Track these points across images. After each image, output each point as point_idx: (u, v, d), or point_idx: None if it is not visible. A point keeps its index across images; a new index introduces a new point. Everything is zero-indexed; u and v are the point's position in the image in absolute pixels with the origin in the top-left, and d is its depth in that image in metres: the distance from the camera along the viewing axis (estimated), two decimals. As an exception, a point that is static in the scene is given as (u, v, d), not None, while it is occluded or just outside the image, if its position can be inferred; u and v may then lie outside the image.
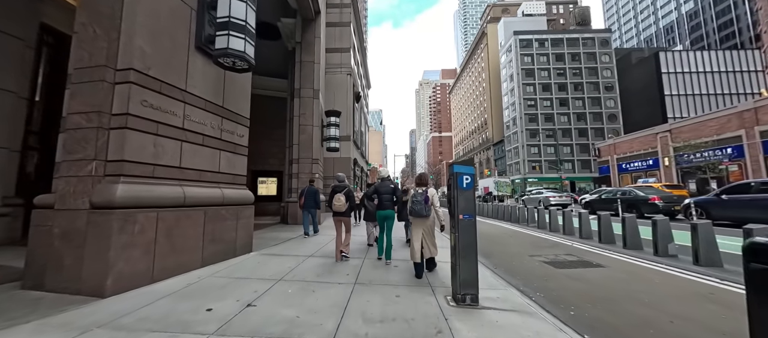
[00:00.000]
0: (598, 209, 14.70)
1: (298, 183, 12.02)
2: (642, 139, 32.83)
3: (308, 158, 12.17)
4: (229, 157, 5.56)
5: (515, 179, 59.09)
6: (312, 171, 12.18)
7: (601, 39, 60.18)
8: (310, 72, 12.57)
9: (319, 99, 12.62)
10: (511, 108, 62.34)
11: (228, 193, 5.37)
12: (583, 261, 6.08)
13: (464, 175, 3.65)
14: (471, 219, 3.62)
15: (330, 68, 22.09)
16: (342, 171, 21.84)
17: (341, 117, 21.94)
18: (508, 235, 9.98)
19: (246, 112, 6.20)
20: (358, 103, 27.12)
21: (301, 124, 12.26)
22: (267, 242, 7.33)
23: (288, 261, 5.34)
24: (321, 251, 6.37)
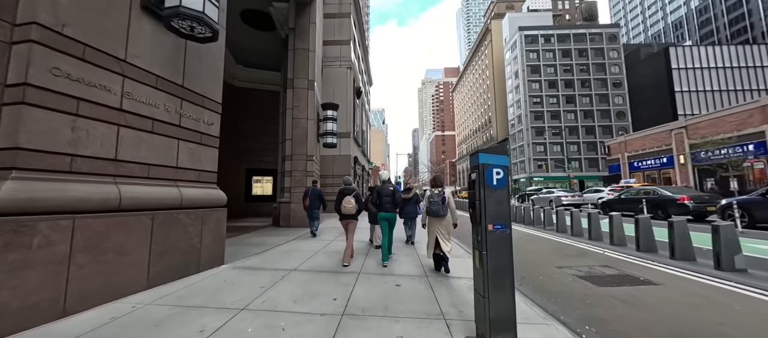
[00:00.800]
0: (618, 210, 13.60)
1: (292, 181, 10.99)
2: (655, 136, 31.49)
3: (302, 154, 11.13)
4: (191, 149, 4.52)
5: (520, 178, 57.79)
6: (306, 169, 11.14)
7: (609, 34, 58.65)
8: (304, 60, 11.52)
9: (314, 90, 11.58)
10: (515, 105, 60.99)
11: (189, 193, 4.33)
12: (628, 276, 4.98)
13: (495, 168, 2.58)
14: (505, 231, 2.54)
15: (329, 61, 21.06)
16: (342, 169, 20.83)
17: (341, 112, 20.91)
18: (523, 240, 8.88)
19: (217, 94, 5.15)
20: (359, 99, 26.07)
21: (294, 117, 11.22)
22: (247, 250, 6.29)
23: (264, 278, 4.29)
24: (308, 263, 5.32)
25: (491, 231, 2.52)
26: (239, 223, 12.21)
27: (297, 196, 10.87)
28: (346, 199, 5.37)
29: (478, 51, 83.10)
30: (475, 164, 2.63)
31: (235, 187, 16.98)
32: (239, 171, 17.14)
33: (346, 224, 5.54)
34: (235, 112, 17.30)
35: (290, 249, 6.62)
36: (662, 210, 11.88)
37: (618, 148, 36.28)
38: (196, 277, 4.23)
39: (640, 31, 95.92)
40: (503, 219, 2.52)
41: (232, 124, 17.25)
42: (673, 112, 53.01)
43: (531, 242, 8.45)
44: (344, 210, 5.34)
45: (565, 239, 8.65)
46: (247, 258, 5.51)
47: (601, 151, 54.94)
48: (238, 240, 7.50)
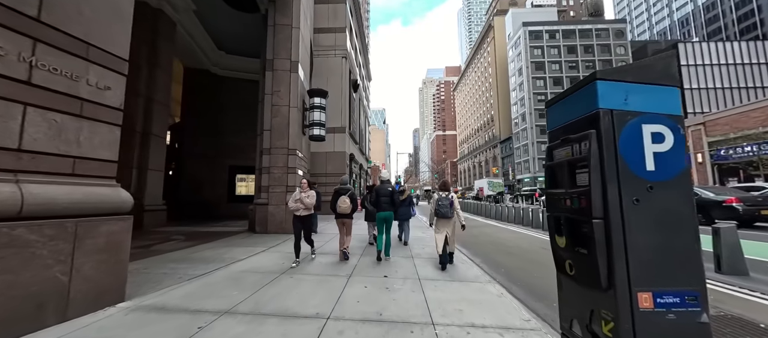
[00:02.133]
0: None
1: (270, 179, 9.31)
2: (670, 134, 29.72)
3: (283, 148, 9.44)
4: (58, 123, 2.83)
5: (524, 178, 56.06)
6: (288, 165, 9.45)
7: (615, 30, 56.90)
8: (286, 38, 9.85)
9: (298, 74, 9.90)
10: (519, 103, 59.25)
11: (42, 194, 2.64)
12: (749, 323, 3.28)
13: (651, 122, 0.87)
14: (696, 313, 0.83)
15: (322, 50, 19.40)
16: (336, 167, 19.16)
17: (335, 105, 19.23)
18: (545, 250, 7.10)
19: (118, 46, 3.46)
20: (356, 93, 24.39)
21: (274, 105, 9.54)
22: (185, 271, 4.61)
23: (168, 332, 2.61)
24: (259, 298, 3.62)
25: (650, 315, 0.82)
26: (213, 227, 10.54)
27: (276, 197, 9.20)
28: (341, 199, 5.53)
29: (480, 48, 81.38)
30: (585, 112, 0.94)
31: (217, 186, 15.34)
32: (221, 169, 15.48)
33: (341, 223, 5.68)
34: (217, 103, 15.65)
35: (247, 269, 4.93)
36: (703, 214, 10.17)
37: (629, 146, 34.49)
38: (50, 333, 2.54)
39: (645, 28, 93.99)
40: (690, 277, 0.81)
41: (212, 116, 15.60)
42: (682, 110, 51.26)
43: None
44: (339, 209, 5.52)
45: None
46: (171, 288, 3.81)
47: (607, 150, 53.06)
48: (183, 255, 5.81)
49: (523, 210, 12.42)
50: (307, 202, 5.24)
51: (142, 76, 9.91)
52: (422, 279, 4.46)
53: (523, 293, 4.30)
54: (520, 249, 7.46)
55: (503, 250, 7.40)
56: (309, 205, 5.26)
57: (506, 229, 11.45)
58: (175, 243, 7.24)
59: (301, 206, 5.23)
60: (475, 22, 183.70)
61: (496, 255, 6.86)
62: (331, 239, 8.13)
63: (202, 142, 15.15)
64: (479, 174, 78.53)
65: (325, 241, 7.83)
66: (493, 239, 9.18)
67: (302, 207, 5.23)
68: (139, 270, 4.63)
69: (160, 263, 5.13)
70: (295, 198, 5.28)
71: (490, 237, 9.67)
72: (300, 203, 5.22)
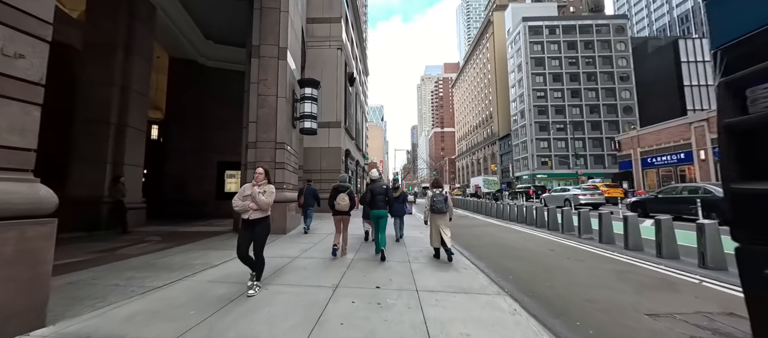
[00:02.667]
0: (655, 211, 11.35)
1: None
2: (672, 130, 29.24)
3: (270, 141, 8.73)
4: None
5: (523, 175, 55.57)
6: (275, 160, 8.75)
7: (616, 26, 56.26)
8: (273, 23, 9.10)
9: (287, 61, 9.17)
10: (518, 100, 58.61)
11: None
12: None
13: None
14: None
15: (316, 41, 18.62)
16: (331, 163, 18.46)
17: (330, 99, 18.47)
18: (556, 253, 6.56)
19: (39, 7, 2.74)
20: (353, 87, 23.63)
21: (260, 94, 8.82)
22: (142, 282, 3.92)
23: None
24: (211, 322, 2.95)
25: None
26: (196, 227, 9.84)
27: (262, 194, 8.50)
28: (340, 196, 5.52)
29: (479, 44, 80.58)
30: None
31: (205, 183, 14.60)
32: (209, 165, 14.72)
33: (338, 220, 5.66)
34: (205, 95, 14.87)
35: (217, 278, 4.25)
36: (717, 213, 9.60)
37: (629, 143, 34.01)
38: None
39: (644, 25, 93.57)
40: None
41: (200, 109, 14.82)
42: (681, 107, 50.85)
43: (576, 258, 6.11)
44: (338, 206, 5.50)
45: (614, 252, 6.32)
46: (113, 307, 3.13)
47: (607, 147, 52.82)
48: (147, 261, 5.11)
49: (526, 209, 11.78)
50: (262, 201, 3.72)
51: (116, 63, 9.15)
52: (421, 291, 3.80)
53: (539, 307, 3.66)
54: (528, 252, 6.82)
55: (510, 253, 6.75)
56: (264, 205, 3.76)
57: (510, 229, 10.83)
58: (146, 246, 6.54)
59: (253, 206, 3.72)
60: (474, 18, 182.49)
61: (503, 259, 6.21)
62: (322, 240, 7.46)
63: (189, 136, 14.37)
64: (478, 171, 78.02)
65: (313, 243, 7.15)
66: (498, 240, 8.55)
67: (253, 207, 3.72)
68: (86, 281, 3.95)
69: (116, 271, 4.44)
70: (244, 195, 3.80)
71: (493, 237, 9.04)
72: (251, 201, 3.74)
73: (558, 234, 8.93)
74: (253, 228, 3.77)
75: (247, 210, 3.74)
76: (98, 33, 9.24)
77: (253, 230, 3.77)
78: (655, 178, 31.39)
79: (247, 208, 3.74)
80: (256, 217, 3.76)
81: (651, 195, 12.76)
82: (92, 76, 9.01)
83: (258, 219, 3.77)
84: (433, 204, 5.42)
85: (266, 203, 3.76)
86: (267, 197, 3.80)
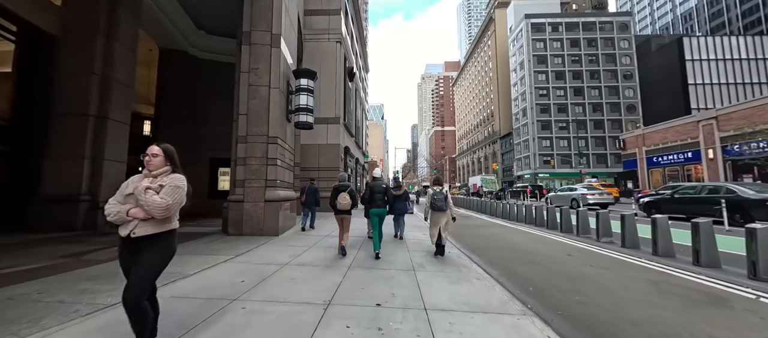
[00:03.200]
0: (670, 212, 10.66)
1: (246, 172, 7.95)
2: (679, 128, 28.56)
3: (262, 135, 8.07)
4: None
5: (525, 174, 54.92)
6: (268, 156, 8.09)
7: (619, 23, 55.50)
8: (265, 7, 8.43)
9: (280, 49, 8.49)
10: (520, 98, 57.89)
11: None
12: None
13: None
14: None
15: (315, 34, 17.92)
16: (329, 161, 17.79)
17: (329, 94, 17.79)
18: (575, 259, 5.91)
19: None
20: (352, 83, 22.95)
21: (251, 84, 8.15)
22: (89, 300, 3.27)
23: None
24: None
25: None
26: (184, 227, 9.10)
27: (253, 193, 7.85)
28: (341, 195, 5.46)
29: (481, 42, 79.80)
30: None
31: (196, 181, 13.76)
32: (201, 162, 14.08)
33: (340, 219, 5.60)
34: (197, 88, 14.20)
35: (187, 293, 3.60)
36: (741, 214, 8.95)
37: (634, 141, 33.34)
38: None
39: (647, 23, 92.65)
40: None
41: (192, 103, 14.15)
42: (686, 106, 50.22)
43: (600, 265, 5.46)
44: (339, 205, 5.45)
45: (645, 260, 5.67)
46: (40, 334, 2.47)
47: (609, 145, 52.09)
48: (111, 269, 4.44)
49: (535, 209, 11.13)
50: (154, 204, 2.05)
51: (96, 50, 8.47)
52: (430, 310, 3.15)
53: (575, 331, 3.00)
54: (543, 257, 6.16)
55: (524, 258, 6.10)
56: (157, 211, 2.06)
57: (517, 230, 10.17)
58: (121, 249, 5.88)
59: (137, 214, 2.07)
60: (475, 16, 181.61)
61: (517, 265, 5.56)
62: (317, 242, 6.81)
63: (180, 131, 13.70)
64: (478, 170, 77.37)
65: (307, 247, 6.50)
66: (507, 243, 7.89)
67: (138, 216, 2.07)
68: (30, 296, 3.29)
69: (71, 282, 3.79)
70: (125, 194, 2.15)
71: (502, 240, 8.38)
72: (134, 206, 2.10)
73: (571, 237, 8.27)
74: (137, 252, 2.07)
75: (124, 221, 2.06)
76: (77, 18, 8.56)
77: (137, 256, 2.07)
78: (660, 178, 30.77)
79: (125, 219, 2.05)
80: (143, 234, 2.06)
81: (665, 194, 12.08)
82: (69, 64, 8.33)
83: (147, 237, 2.08)
84: (433, 202, 5.54)
85: (161, 207, 2.05)
86: (165, 196, 2.10)
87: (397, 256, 5.65)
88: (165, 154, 2.30)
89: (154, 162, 2.24)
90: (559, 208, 9.54)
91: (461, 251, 6.56)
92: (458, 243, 7.70)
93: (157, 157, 2.25)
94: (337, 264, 5.02)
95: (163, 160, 2.28)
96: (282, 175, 8.74)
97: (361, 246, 6.45)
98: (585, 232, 8.24)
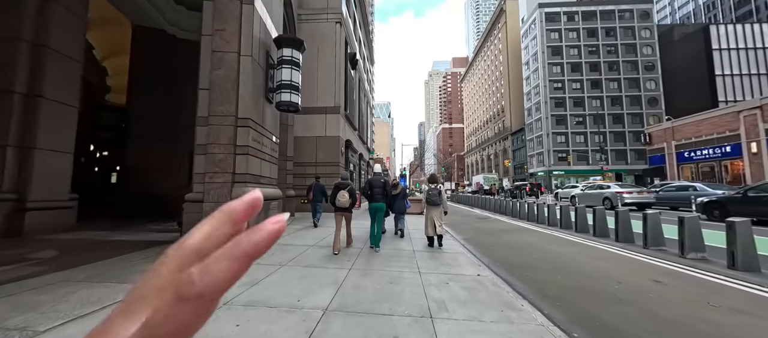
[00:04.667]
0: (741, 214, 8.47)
1: (207, 164, 6.13)
2: (715, 120, 25.88)
3: (229, 115, 6.23)
4: None
5: (538, 172, 52.34)
6: (236, 142, 6.25)
7: (640, 11, 52.30)
8: (235, -48, 6.56)
9: (255, 6, 6.64)
10: (533, 92, 55.19)
11: None
12: None
13: None
14: None
15: (312, 13, 16.06)
16: (328, 155, 15.89)
17: (328, 80, 15.87)
18: (672, 289, 3.93)
19: None
20: (355, 71, 21.05)
21: (214, 51, 6.31)
22: None
23: None
24: None
25: None
26: (139, 234, 7.39)
27: (215, 191, 6.02)
28: (340, 193, 5.60)
29: (491, 35, 77.00)
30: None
31: (173, 177, 12.22)
32: (179, 155, 12.35)
33: (340, 217, 5.71)
34: (176, 73, 12.45)
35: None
36: None
37: (662, 135, 30.69)
38: None
39: (666, 13, 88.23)
40: None
41: (170, 90, 12.42)
42: (712, 98, 46.99)
43: (729, 305, 3.45)
44: (338, 203, 5.60)
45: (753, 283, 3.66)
46: None
47: (630, 141, 49.08)
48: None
49: (576, 212, 9.05)
50: None
51: (25, 11, 6.72)
52: None
53: None
54: (621, 288, 4.14)
55: (592, 289, 4.11)
56: None
57: (554, 237, 8.13)
58: (15, 269, 4.10)
59: None
60: (484, 11, 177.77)
61: (592, 304, 3.58)
62: (299, 255, 4.94)
63: (156, 121, 12.01)
64: (488, 167, 74.81)
65: (279, 266, 4.62)
66: (553, 258, 5.89)
67: None
68: None
69: None
70: None
71: (542, 252, 6.38)
72: None
73: (634, 249, 6.21)
74: None
75: None
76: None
77: None
78: (690, 175, 28.21)
79: None
80: None
81: (735, 193, 9.84)
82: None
83: None
84: (428, 197, 6.15)
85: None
86: None
87: (404, 278, 3.74)
88: None
89: None
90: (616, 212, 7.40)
91: (496, 274, 4.60)
92: (486, 258, 5.74)
93: None
94: (337, 265, 3.13)
95: None
96: (258, 169, 6.90)
97: (357, 257, 5.35)
98: (657, 243, 6.15)
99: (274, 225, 0.26)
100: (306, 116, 15.31)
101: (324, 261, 4.96)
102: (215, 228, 0.26)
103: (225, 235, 0.26)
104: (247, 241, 0.25)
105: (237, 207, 0.27)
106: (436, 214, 6.03)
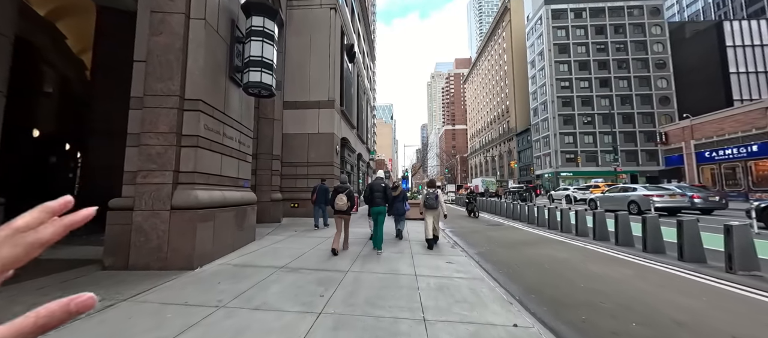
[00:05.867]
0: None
1: (140, 159, 4.61)
2: (741, 117, 24.09)
3: (172, 95, 4.72)
4: None
5: (545, 173, 50.55)
6: (181, 132, 4.74)
7: (650, 7, 50.55)
8: None
9: (211, -41, 5.14)
10: (539, 91, 53.50)
11: None
12: None
13: None
14: None
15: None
16: (322, 154, 14.23)
17: (321, 71, 14.19)
18: None
19: None
20: (353, 65, 19.57)
21: (154, 11, 4.82)
22: None
23: None
24: None
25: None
26: (62, 251, 5.88)
27: (150, 195, 4.51)
28: (338, 197, 5.74)
29: (494, 35, 75.45)
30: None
31: (143, 179, 10.73)
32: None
33: (339, 219, 5.86)
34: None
35: None
36: None
37: (680, 134, 28.90)
38: None
39: (674, 11, 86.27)
40: None
41: (140, 78, 10.96)
42: (727, 98, 45.06)
43: None
44: (337, 206, 5.75)
45: None
46: None
47: (641, 141, 47.21)
48: None
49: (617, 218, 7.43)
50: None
51: None
52: None
53: None
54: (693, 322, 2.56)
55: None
56: None
57: (588, 251, 6.53)
58: None
59: None
60: (486, 12, 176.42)
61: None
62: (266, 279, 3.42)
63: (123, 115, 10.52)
64: (493, 169, 73.03)
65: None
66: (603, 285, 4.30)
67: None
68: None
69: None
70: None
71: (585, 276, 4.79)
72: None
73: (711, 273, 4.63)
74: None
75: None
76: None
77: None
78: (711, 176, 26.45)
79: None
80: None
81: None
82: None
83: None
84: (426, 201, 6.59)
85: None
86: None
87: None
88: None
89: None
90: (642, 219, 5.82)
91: (541, 321, 3.02)
92: (514, 285, 4.17)
93: None
94: None
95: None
96: (216, 166, 5.37)
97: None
98: (658, 250, 4.52)
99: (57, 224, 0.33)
100: (296, 111, 13.82)
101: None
102: (36, 219, 0.34)
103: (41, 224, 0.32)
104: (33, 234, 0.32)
105: (53, 205, 0.34)
106: (434, 217, 6.50)
